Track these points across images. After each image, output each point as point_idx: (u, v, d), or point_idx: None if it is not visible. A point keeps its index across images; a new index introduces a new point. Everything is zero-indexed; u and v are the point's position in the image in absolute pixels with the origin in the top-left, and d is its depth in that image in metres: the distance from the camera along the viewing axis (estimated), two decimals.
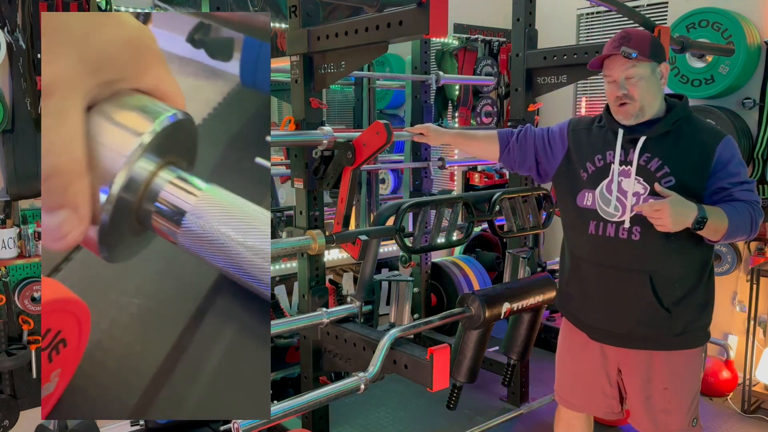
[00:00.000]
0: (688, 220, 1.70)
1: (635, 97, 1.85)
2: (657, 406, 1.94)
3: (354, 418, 3.19)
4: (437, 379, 1.96)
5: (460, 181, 4.56)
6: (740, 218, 1.75)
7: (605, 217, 1.91)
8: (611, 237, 1.89)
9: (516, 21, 3.06)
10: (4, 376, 2.65)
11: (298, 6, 2.33)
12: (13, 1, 2.43)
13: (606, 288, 1.95)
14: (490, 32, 4.29)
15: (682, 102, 1.92)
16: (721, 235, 1.75)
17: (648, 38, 1.85)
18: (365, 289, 2.39)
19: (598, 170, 1.94)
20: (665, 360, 1.91)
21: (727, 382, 3.45)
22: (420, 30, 1.87)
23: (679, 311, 1.87)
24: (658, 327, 1.89)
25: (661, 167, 1.83)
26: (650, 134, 1.86)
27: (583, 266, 2.01)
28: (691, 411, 1.95)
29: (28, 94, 2.49)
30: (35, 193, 2.59)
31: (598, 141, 1.97)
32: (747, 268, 3.47)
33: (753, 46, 3.35)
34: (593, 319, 2.01)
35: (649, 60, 1.83)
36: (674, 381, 1.92)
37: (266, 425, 1.75)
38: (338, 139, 2.29)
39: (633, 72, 1.83)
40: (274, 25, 3.41)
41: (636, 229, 1.86)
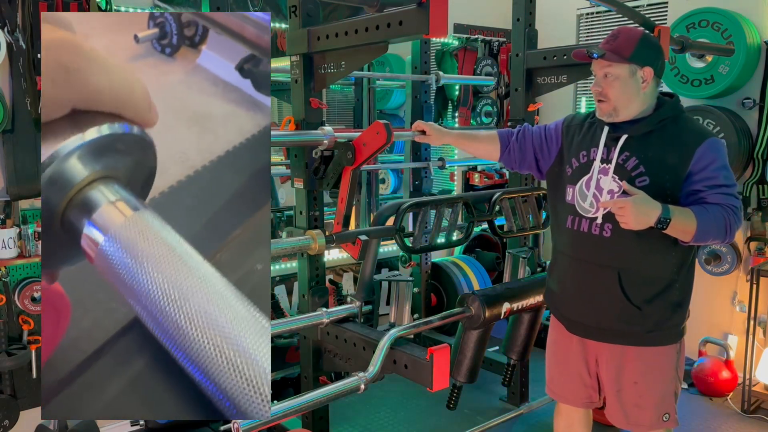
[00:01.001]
0: (650, 219, 1.71)
1: (609, 97, 1.87)
2: (627, 400, 1.97)
3: (354, 418, 3.19)
4: (437, 379, 1.96)
5: (460, 181, 4.56)
6: (711, 221, 1.74)
7: (581, 213, 1.94)
8: (585, 232, 1.93)
9: (516, 21, 3.06)
10: (4, 376, 2.65)
11: (298, 6, 2.33)
12: (13, 1, 2.43)
13: (580, 282, 1.99)
14: (490, 32, 4.29)
15: (671, 101, 1.92)
16: (691, 237, 1.76)
17: (635, 40, 1.84)
18: (365, 289, 2.39)
19: (581, 166, 1.97)
20: (636, 355, 1.94)
21: (727, 382, 3.45)
22: (420, 30, 1.87)
23: (651, 309, 1.89)
24: (630, 323, 1.91)
25: (636, 167, 1.85)
26: (632, 133, 1.88)
27: (561, 260, 2.06)
28: (663, 406, 1.96)
29: (28, 94, 2.49)
30: (35, 193, 2.58)
31: (587, 138, 1.99)
32: (747, 268, 3.47)
33: (753, 46, 3.35)
34: (570, 312, 2.05)
35: (626, 62, 1.83)
36: (645, 376, 1.94)
37: (266, 425, 1.75)
38: (339, 139, 2.30)
39: (608, 71, 1.86)
40: (274, 25, 3.41)
41: (607, 226, 1.88)
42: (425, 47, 3.60)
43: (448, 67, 4.18)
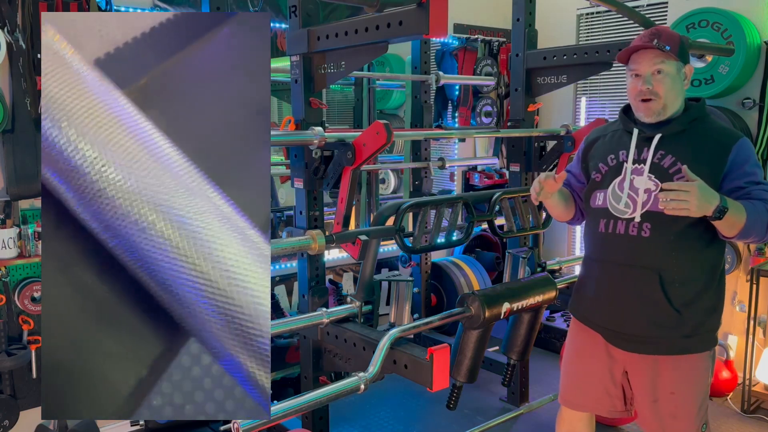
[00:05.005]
0: (711, 206, 1.68)
1: (660, 94, 1.84)
2: (664, 410, 1.93)
3: (354, 418, 3.19)
4: (437, 379, 1.96)
5: (460, 181, 4.56)
6: (758, 216, 1.74)
7: (615, 215, 1.91)
8: (621, 234, 1.90)
9: (516, 21, 3.06)
10: (4, 376, 2.65)
11: (298, 6, 2.33)
12: (13, 1, 2.43)
13: (616, 286, 1.95)
14: (490, 32, 4.29)
15: (699, 103, 1.93)
16: (738, 231, 1.74)
17: (677, 38, 1.85)
18: (365, 289, 2.39)
19: (610, 170, 1.96)
20: (672, 364, 1.90)
21: (727, 382, 3.44)
22: (420, 30, 1.87)
23: (689, 313, 1.86)
24: (668, 328, 1.87)
25: (674, 164, 1.84)
26: (665, 132, 1.87)
27: (595, 266, 2.02)
28: (700, 416, 1.93)
29: (28, 94, 2.49)
30: (35, 193, 2.58)
31: (612, 143, 1.99)
32: (747, 268, 3.47)
33: (753, 46, 3.35)
34: (603, 319, 2.00)
35: (677, 58, 1.84)
36: (681, 385, 1.91)
37: (266, 425, 1.75)
38: (329, 139, 2.30)
39: (661, 67, 1.83)
40: (274, 25, 3.41)
41: (646, 226, 1.86)
42: (425, 47, 3.60)
43: (448, 68, 4.18)
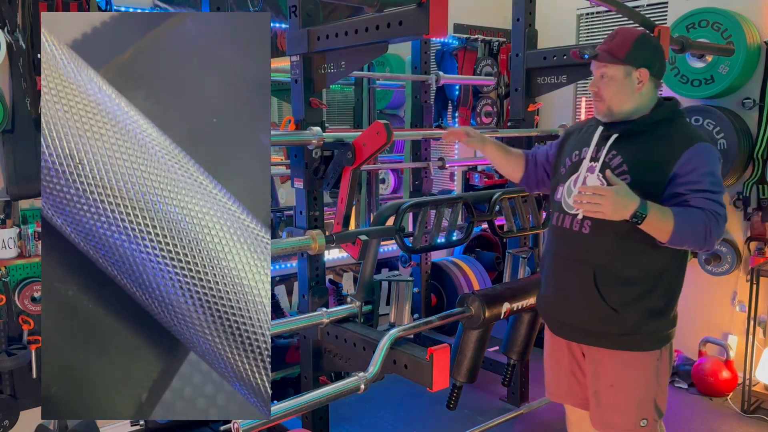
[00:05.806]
0: (627, 211, 1.68)
1: (603, 97, 1.89)
2: (603, 402, 1.96)
3: (354, 418, 3.19)
4: (437, 379, 1.96)
5: (460, 181, 4.56)
6: (690, 224, 1.71)
7: (566, 209, 1.95)
8: (566, 228, 1.94)
9: (516, 21, 3.06)
10: (4, 376, 2.64)
11: (298, 6, 2.33)
12: (13, 1, 2.43)
13: (560, 279, 2.00)
14: (490, 32, 4.29)
15: (669, 104, 1.92)
16: (667, 237, 1.72)
17: (630, 41, 1.84)
18: (365, 289, 2.39)
19: (572, 165, 1.99)
20: (613, 358, 1.92)
21: (727, 382, 3.45)
22: (420, 30, 1.87)
23: (628, 313, 1.86)
24: (605, 324, 1.89)
25: (620, 165, 1.85)
26: (623, 132, 1.88)
27: (547, 258, 2.07)
28: (640, 411, 1.93)
29: (28, 94, 2.49)
30: (35, 193, 2.58)
31: (582, 138, 2.01)
32: (747, 268, 3.47)
33: (753, 46, 3.35)
34: (554, 311, 2.05)
35: (620, 63, 1.84)
36: (620, 379, 1.92)
37: (266, 425, 1.75)
38: (329, 139, 2.30)
39: (605, 71, 1.88)
40: (274, 25, 3.41)
41: (587, 223, 1.88)
42: (425, 47, 3.60)
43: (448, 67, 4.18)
